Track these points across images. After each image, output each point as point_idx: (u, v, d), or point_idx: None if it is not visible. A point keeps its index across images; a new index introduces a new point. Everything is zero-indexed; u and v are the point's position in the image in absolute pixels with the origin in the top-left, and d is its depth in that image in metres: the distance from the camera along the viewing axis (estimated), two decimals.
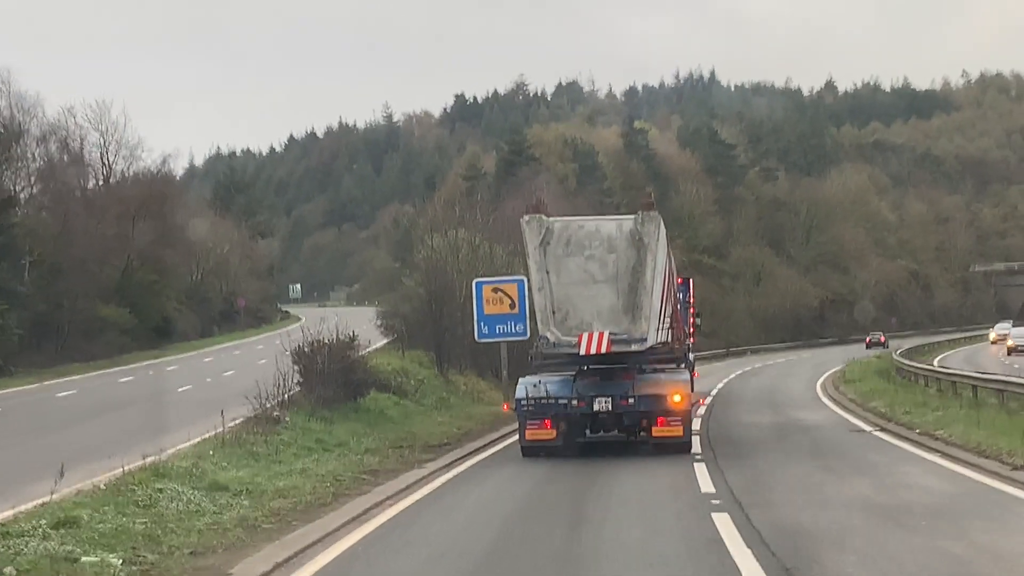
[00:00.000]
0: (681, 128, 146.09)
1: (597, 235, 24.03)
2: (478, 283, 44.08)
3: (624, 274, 23.82)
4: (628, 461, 24.15)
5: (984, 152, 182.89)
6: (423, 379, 40.27)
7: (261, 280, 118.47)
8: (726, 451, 26.00)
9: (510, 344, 49.21)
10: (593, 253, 23.92)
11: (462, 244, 47.98)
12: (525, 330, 44.71)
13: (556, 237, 23.92)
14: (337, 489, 19.93)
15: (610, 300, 23.87)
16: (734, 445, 27.69)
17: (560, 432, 24.40)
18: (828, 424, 33.68)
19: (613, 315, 23.79)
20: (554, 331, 23.74)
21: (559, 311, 23.84)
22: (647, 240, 23.69)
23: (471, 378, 46.92)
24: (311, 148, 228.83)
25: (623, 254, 23.82)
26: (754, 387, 57.25)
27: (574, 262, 23.93)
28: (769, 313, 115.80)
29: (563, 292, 23.85)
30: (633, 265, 23.75)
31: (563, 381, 24.86)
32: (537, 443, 24.50)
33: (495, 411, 37.66)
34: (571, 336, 23.65)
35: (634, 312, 23.76)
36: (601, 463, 24.04)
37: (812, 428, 32.45)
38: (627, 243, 23.80)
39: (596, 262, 23.91)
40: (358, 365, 31.07)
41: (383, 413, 31.31)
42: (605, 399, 24.33)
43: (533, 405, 24.29)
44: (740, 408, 41.90)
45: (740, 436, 30.30)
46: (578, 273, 23.92)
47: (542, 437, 24.37)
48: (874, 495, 18.71)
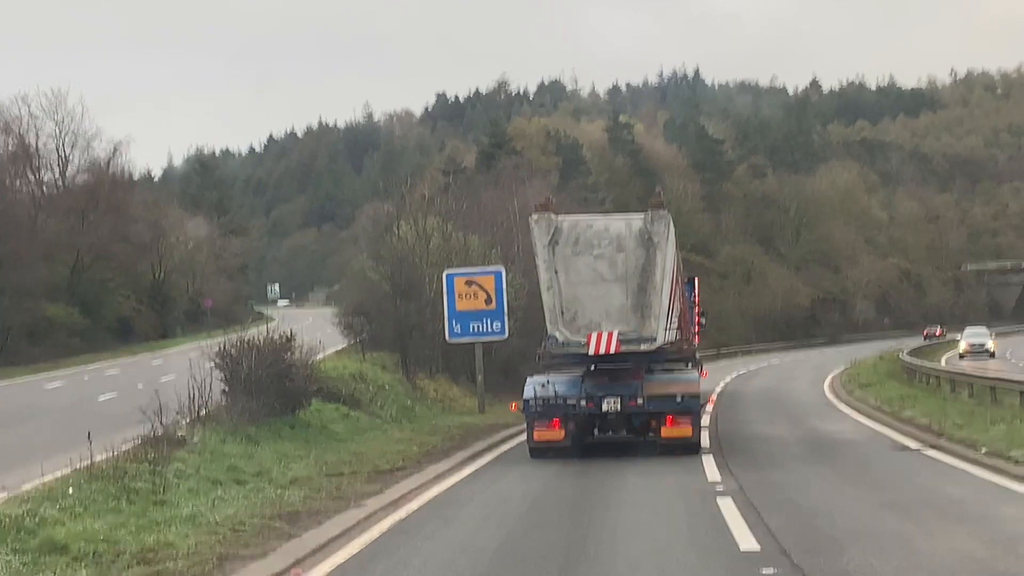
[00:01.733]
0: (668, 122, 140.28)
1: (606, 234, 23.52)
2: (449, 275, 38.28)
3: (633, 273, 23.33)
4: (641, 505, 18.36)
5: (972, 150, 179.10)
6: (384, 385, 34.40)
7: (233, 280, 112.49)
8: (752, 479, 20.17)
9: (487, 345, 43.55)
10: (602, 252, 23.43)
11: (432, 232, 42.04)
12: (503, 328, 38.86)
13: (565, 236, 23.42)
14: (230, 546, 14.02)
15: (619, 300, 23.42)
16: (760, 469, 21.88)
17: (568, 432, 23.86)
18: (862, 439, 27.86)
19: (622, 315, 23.31)
20: (563, 331, 23.32)
21: (568, 311, 23.39)
22: (657, 239, 23.21)
23: (442, 383, 41.09)
24: (291, 148, 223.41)
25: (632, 253, 23.32)
26: (757, 391, 51.57)
27: (583, 261, 23.46)
28: (760, 313, 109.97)
29: (572, 292, 23.39)
30: (642, 264, 23.27)
31: (571, 381, 24.36)
32: (545, 444, 23.93)
33: (468, 422, 31.95)
34: (580, 336, 23.25)
35: (643, 312, 23.29)
36: (603, 498, 18.24)
37: (845, 444, 26.64)
38: (636, 242, 23.29)
39: (605, 261, 23.42)
40: (297, 370, 25.10)
41: (326, 429, 25.39)
42: (614, 399, 23.85)
43: (541, 405, 23.77)
44: (750, 416, 36.21)
45: (763, 455, 24.48)
46: (587, 272, 23.44)
47: (550, 438, 23.84)
48: (987, 556, 13.01)
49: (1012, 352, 76.58)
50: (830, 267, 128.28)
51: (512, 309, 47.42)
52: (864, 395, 41.56)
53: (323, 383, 28.22)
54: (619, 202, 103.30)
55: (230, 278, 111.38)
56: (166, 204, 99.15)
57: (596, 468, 22.51)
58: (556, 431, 23.72)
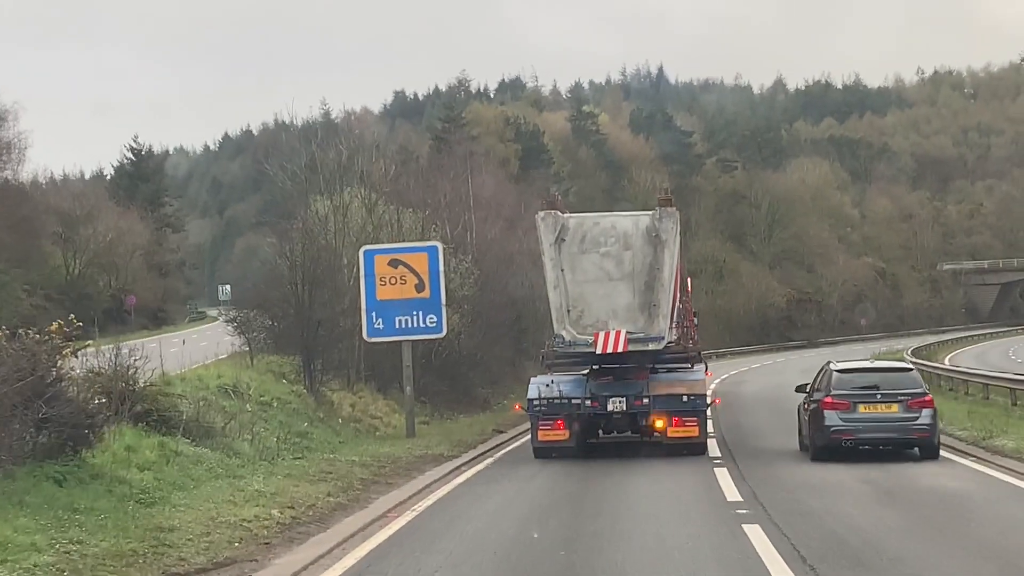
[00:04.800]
0: (634, 113, 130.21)
1: (613, 232, 22.91)
2: (368, 252, 28.34)
3: (640, 272, 22.73)
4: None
5: (940, 149, 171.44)
6: (271, 401, 24.19)
7: (168, 277, 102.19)
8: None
9: (425, 346, 33.71)
10: (609, 250, 22.80)
11: (351, 200, 31.97)
12: (440, 324, 28.81)
13: (571, 234, 22.79)
14: None
15: (626, 298, 22.79)
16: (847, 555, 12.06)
17: (573, 433, 23.10)
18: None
19: (629, 313, 22.65)
20: (569, 329, 22.64)
21: (574, 309, 22.73)
22: (665, 237, 22.68)
23: (364, 396, 31.04)
24: (246, 146, 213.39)
25: (639, 251, 22.76)
26: (755, 398, 41.99)
27: (589, 259, 22.81)
28: (733, 314, 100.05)
29: (578, 290, 22.72)
30: (650, 262, 22.69)
31: (576, 381, 23.81)
32: (550, 444, 23.15)
33: (388, 453, 22.32)
34: (587, 335, 22.60)
35: (651, 310, 22.66)
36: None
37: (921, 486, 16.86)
38: (644, 240, 22.77)
39: (612, 259, 22.80)
40: (83, 385, 14.93)
41: (125, 484, 15.11)
42: (619, 399, 23.18)
43: (546, 405, 23.09)
44: (765, 439, 26.55)
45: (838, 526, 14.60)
46: (593, 271, 22.81)
47: (555, 438, 23.06)
48: None
49: (1015, 351, 73.95)
50: (804, 266, 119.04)
51: (459, 300, 37.55)
52: None
53: (157, 403, 18.03)
54: (583, 195, 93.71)
55: (163, 275, 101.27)
56: (90, 195, 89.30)
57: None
58: (561, 431, 23.01)
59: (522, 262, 63.42)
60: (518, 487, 19.12)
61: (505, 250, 62.48)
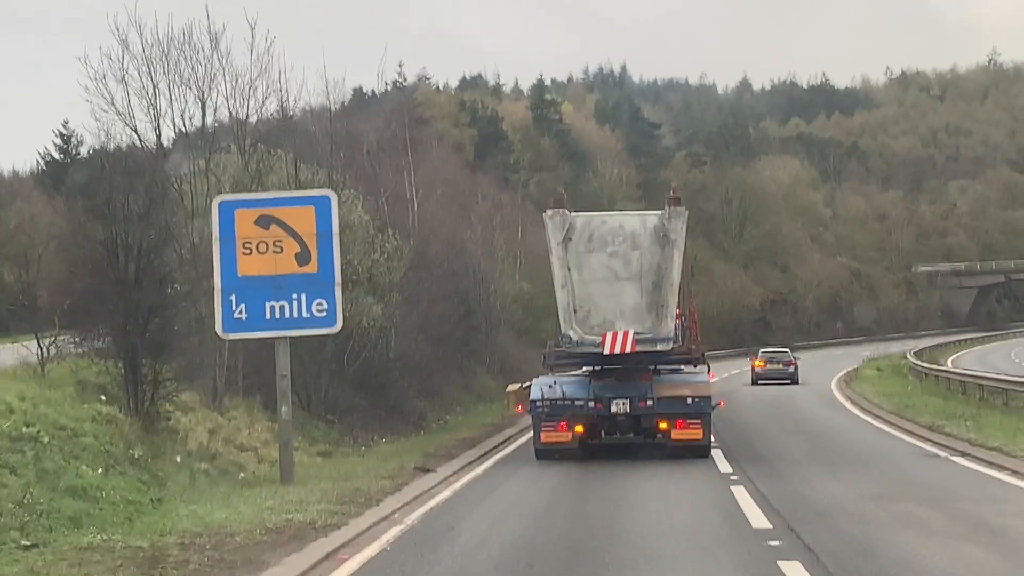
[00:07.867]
0: (599, 103, 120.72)
1: (620, 231, 22.19)
2: (224, 204, 18.58)
3: (648, 271, 22.01)
4: None
5: (909, 150, 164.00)
6: (39, 432, 14.39)
7: None
8: None
9: (330, 344, 24.24)
10: (616, 250, 22.10)
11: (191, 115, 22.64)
12: (333, 313, 19.07)
13: (579, 233, 22.08)
14: None
15: (633, 298, 22.08)
16: None
17: (576, 435, 22.40)
18: None
19: (636, 313, 21.98)
20: (576, 329, 21.98)
21: (581, 309, 22.04)
22: (673, 236, 21.93)
23: (236, 417, 21.26)
24: (201, 143, 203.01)
25: (647, 251, 22.02)
26: (758, 411, 32.98)
27: (596, 259, 22.11)
28: (707, 315, 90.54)
29: (585, 290, 22.05)
30: (658, 262, 21.92)
31: (579, 382, 23.12)
32: (552, 446, 22.43)
33: (224, 524, 12.54)
34: (594, 335, 21.94)
35: (658, 310, 21.95)
36: None
37: None
38: (652, 239, 22.03)
39: (619, 259, 22.09)
40: None
41: None
42: (623, 401, 22.47)
43: (549, 406, 22.33)
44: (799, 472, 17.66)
45: None
46: (601, 270, 22.09)
47: (558, 439, 22.35)
48: None
49: (1016, 353, 71.38)
50: (777, 265, 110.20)
51: (385, 288, 27.98)
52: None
53: None
54: (546, 186, 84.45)
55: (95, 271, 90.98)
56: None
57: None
58: (563, 433, 22.27)
59: (474, 251, 54.42)
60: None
61: (457, 236, 53.45)
